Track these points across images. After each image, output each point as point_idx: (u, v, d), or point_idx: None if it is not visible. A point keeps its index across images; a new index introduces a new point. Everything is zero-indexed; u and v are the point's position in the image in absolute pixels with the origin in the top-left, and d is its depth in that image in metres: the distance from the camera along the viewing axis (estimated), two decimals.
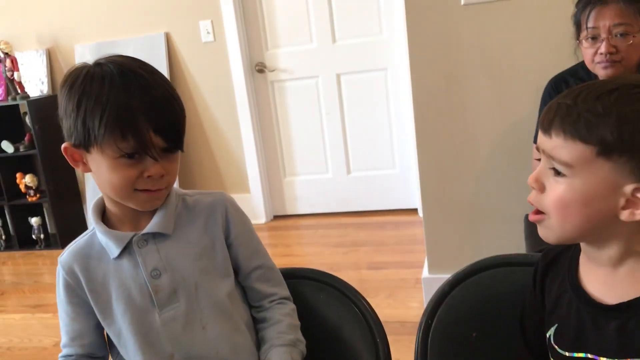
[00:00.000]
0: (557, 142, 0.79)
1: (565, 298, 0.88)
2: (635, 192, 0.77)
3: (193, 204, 1.07)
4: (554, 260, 0.93)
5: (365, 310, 1.05)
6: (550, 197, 0.81)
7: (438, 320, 1.08)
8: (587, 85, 0.80)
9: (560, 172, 0.79)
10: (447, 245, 2.41)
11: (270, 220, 3.83)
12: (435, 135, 2.31)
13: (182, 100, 1.00)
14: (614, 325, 0.81)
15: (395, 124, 3.57)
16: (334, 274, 3.14)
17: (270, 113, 3.73)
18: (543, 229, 0.84)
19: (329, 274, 1.10)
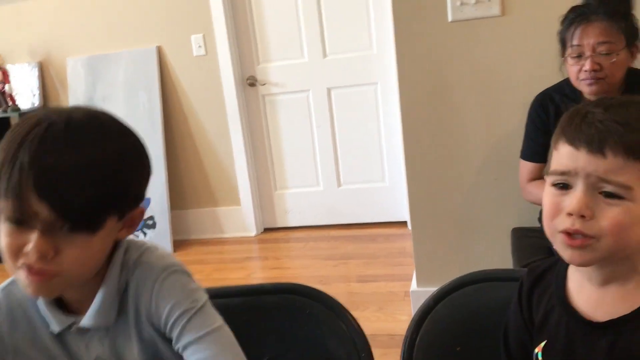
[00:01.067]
0: (615, 162, 0.74)
1: (555, 315, 0.87)
2: None
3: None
4: (540, 277, 0.92)
5: (349, 326, 1.06)
6: (607, 223, 0.75)
7: (423, 334, 1.09)
8: (619, 104, 0.77)
9: (616, 194, 0.75)
10: (436, 258, 2.42)
11: (261, 233, 3.83)
12: (423, 149, 2.32)
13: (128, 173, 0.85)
14: (605, 342, 0.81)
15: (385, 138, 3.59)
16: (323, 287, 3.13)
17: (261, 126, 3.74)
18: (584, 253, 0.78)
19: (314, 289, 1.10)
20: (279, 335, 1.11)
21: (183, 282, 0.93)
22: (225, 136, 3.71)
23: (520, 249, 2.03)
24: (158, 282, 0.90)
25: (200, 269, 3.34)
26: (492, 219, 2.32)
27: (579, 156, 0.76)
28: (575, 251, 0.78)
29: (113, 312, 0.90)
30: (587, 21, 1.72)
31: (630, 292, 0.82)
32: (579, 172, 0.76)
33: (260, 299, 1.13)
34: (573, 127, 0.78)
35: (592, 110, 0.78)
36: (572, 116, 0.81)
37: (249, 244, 3.70)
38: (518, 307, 0.95)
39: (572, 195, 0.78)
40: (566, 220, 0.78)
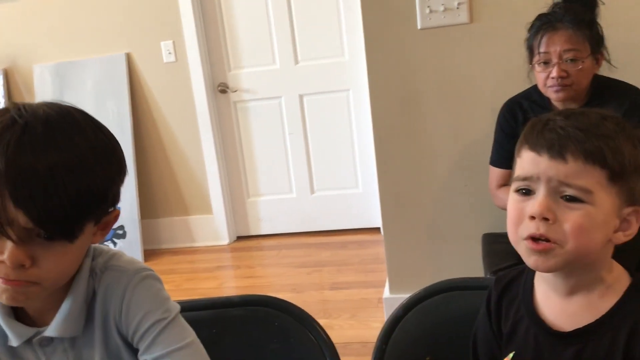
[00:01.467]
0: (575, 167, 0.76)
1: (523, 325, 0.88)
2: (628, 215, 0.80)
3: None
4: (507, 287, 0.93)
5: (319, 337, 1.05)
6: (569, 226, 0.77)
7: (392, 343, 1.09)
8: (580, 112, 0.80)
9: (576, 198, 0.77)
10: (408, 264, 2.42)
11: (233, 241, 3.80)
12: (395, 156, 2.33)
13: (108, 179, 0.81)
14: (572, 351, 0.81)
15: (358, 144, 3.59)
16: (296, 295, 3.12)
17: (232, 133, 3.72)
18: (547, 259, 0.79)
19: (283, 300, 1.09)
20: (248, 348, 1.09)
21: (156, 289, 0.89)
22: (197, 144, 3.68)
23: (490, 255, 2.04)
24: (130, 288, 0.87)
25: (171, 279, 3.29)
26: (463, 224, 2.33)
27: (540, 161, 0.78)
28: (540, 257, 0.79)
29: (81, 321, 0.86)
30: (554, 29, 1.74)
31: (595, 301, 0.83)
32: (541, 176, 0.78)
33: (229, 312, 1.11)
34: (535, 134, 0.80)
35: (553, 118, 0.80)
36: (534, 124, 0.82)
37: (221, 252, 3.66)
38: (487, 317, 0.95)
39: (534, 200, 0.79)
40: (530, 226, 0.79)
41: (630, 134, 0.79)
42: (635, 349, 0.79)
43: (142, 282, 0.88)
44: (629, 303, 0.81)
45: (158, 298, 0.89)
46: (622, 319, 0.81)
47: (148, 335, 0.86)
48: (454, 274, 1.15)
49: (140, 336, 0.86)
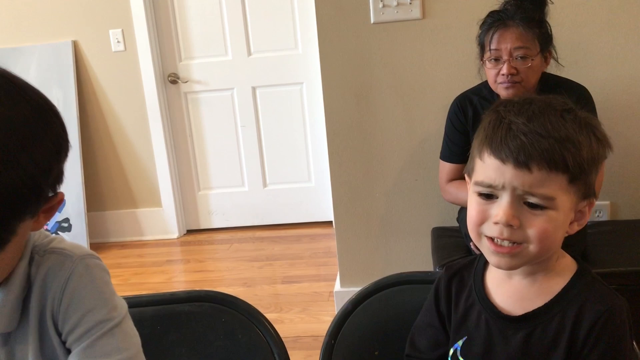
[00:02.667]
0: (540, 176, 0.77)
1: (474, 311, 0.89)
2: (584, 207, 0.83)
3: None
4: (458, 274, 0.94)
5: (267, 333, 1.03)
6: (534, 231, 0.79)
7: (341, 339, 1.08)
8: (539, 112, 0.79)
9: (539, 205, 0.79)
10: (359, 258, 2.43)
11: (183, 235, 3.74)
12: (347, 150, 2.33)
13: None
14: (521, 335, 0.84)
15: (311, 138, 3.58)
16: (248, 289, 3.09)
17: (183, 125, 3.65)
18: (516, 259, 0.82)
19: (230, 296, 1.06)
20: (193, 345, 1.06)
21: (103, 282, 0.79)
22: (146, 135, 3.59)
23: (439, 248, 2.06)
24: (75, 276, 0.77)
25: (119, 273, 3.22)
26: (413, 219, 2.35)
27: (505, 170, 0.79)
28: (504, 258, 0.82)
29: (16, 315, 0.76)
30: (505, 26, 1.76)
31: (544, 286, 0.86)
32: (506, 186, 0.79)
33: (173, 308, 1.08)
34: (499, 139, 0.80)
35: (515, 121, 0.80)
36: (495, 126, 0.82)
37: (170, 246, 3.60)
38: (434, 303, 0.95)
39: (498, 206, 0.81)
40: (494, 229, 0.81)
41: (586, 126, 0.81)
42: (579, 332, 0.82)
43: (88, 271, 0.78)
44: (575, 288, 0.84)
45: (105, 293, 0.79)
46: (569, 303, 0.84)
47: (86, 337, 0.76)
48: (404, 268, 1.16)
49: (78, 337, 0.76)
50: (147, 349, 1.05)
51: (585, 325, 0.82)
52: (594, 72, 2.11)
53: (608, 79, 2.11)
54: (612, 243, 1.94)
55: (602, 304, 0.82)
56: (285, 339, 1.06)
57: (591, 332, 0.81)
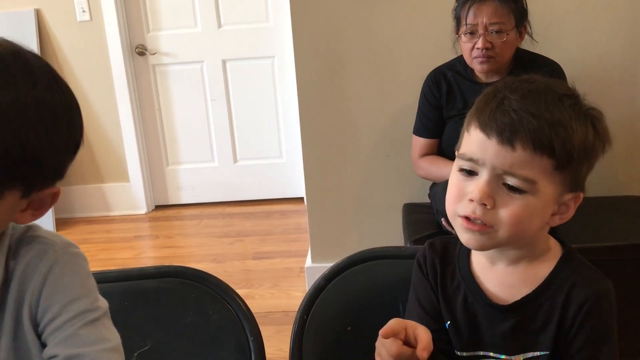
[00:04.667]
0: (523, 156, 0.74)
1: (460, 293, 0.87)
2: (569, 200, 0.79)
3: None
4: (442, 252, 0.91)
5: (238, 309, 1.01)
6: (506, 214, 0.76)
7: (314, 314, 1.06)
8: (532, 89, 0.76)
9: (518, 188, 0.75)
10: (331, 234, 2.42)
11: (152, 211, 3.68)
12: (319, 125, 2.30)
13: None
14: (509, 324, 0.83)
15: (283, 113, 3.54)
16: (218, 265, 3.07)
17: (151, 98, 3.57)
18: (483, 239, 0.79)
19: (199, 271, 1.04)
20: (162, 322, 1.04)
21: (86, 273, 0.77)
22: (112, 108, 3.50)
23: (410, 224, 2.07)
24: (59, 265, 0.74)
25: (86, 249, 3.08)
26: (385, 195, 2.34)
27: (489, 146, 0.76)
28: (473, 235, 0.79)
29: None
30: (481, 1, 1.75)
31: (531, 273, 0.84)
32: (487, 162, 0.76)
33: (142, 284, 1.05)
34: (488, 112, 0.77)
35: (508, 96, 0.77)
36: (488, 99, 0.79)
37: (138, 222, 3.54)
38: (423, 276, 0.92)
39: (476, 183, 0.78)
40: (467, 207, 0.78)
41: (586, 115, 0.77)
42: (567, 316, 0.82)
43: (71, 260, 0.75)
44: (561, 273, 0.83)
45: (88, 284, 0.76)
46: (557, 289, 0.83)
47: (68, 326, 0.72)
48: (375, 244, 1.15)
49: (59, 325, 0.72)
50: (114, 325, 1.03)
51: (572, 309, 0.81)
52: (566, 48, 2.11)
53: (579, 55, 2.11)
54: (580, 219, 1.95)
55: (588, 288, 0.81)
56: (256, 315, 1.04)
57: (578, 316, 0.81)
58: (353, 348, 1.07)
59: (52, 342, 0.72)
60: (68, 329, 0.72)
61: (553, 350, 0.83)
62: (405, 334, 0.77)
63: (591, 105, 0.79)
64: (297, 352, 1.03)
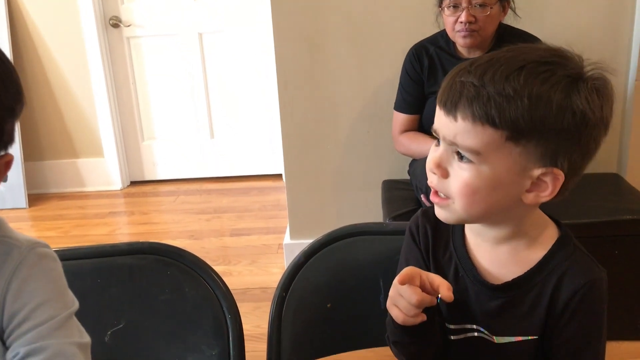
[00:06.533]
0: (464, 126, 0.72)
1: (451, 268, 0.86)
2: (542, 176, 0.75)
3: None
4: (435, 223, 0.88)
5: (215, 286, 0.98)
6: (456, 184, 0.75)
7: (293, 291, 1.04)
8: (490, 62, 0.73)
9: (466, 157, 0.74)
10: (309, 211, 2.40)
11: (127, 187, 3.61)
12: (298, 101, 2.27)
13: None
14: (496, 303, 0.82)
15: (260, 87, 3.48)
16: (195, 242, 3.04)
17: (126, 71, 3.48)
18: (444, 212, 0.79)
19: (175, 247, 1.00)
20: (137, 300, 1.01)
21: (57, 274, 0.73)
22: (86, 81, 3.41)
23: (390, 201, 2.05)
24: (25, 267, 0.70)
25: (59, 225, 3.10)
26: (364, 171, 2.33)
27: (440, 117, 0.76)
28: (436, 207, 0.80)
29: None
30: None
31: (523, 253, 0.82)
32: (439, 132, 0.76)
33: (115, 261, 1.01)
34: (444, 85, 0.76)
35: (465, 68, 0.75)
36: (450, 73, 0.77)
37: (113, 198, 3.48)
38: (415, 245, 0.90)
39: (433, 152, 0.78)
40: (430, 177, 0.78)
41: (554, 85, 0.71)
42: (557, 303, 0.80)
43: (40, 262, 0.72)
44: (555, 258, 0.81)
45: (57, 286, 0.73)
46: (549, 274, 0.81)
47: (37, 332, 0.68)
48: (353, 221, 1.12)
49: (26, 331, 0.69)
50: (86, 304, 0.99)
51: (563, 297, 0.79)
52: (549, 24, 2.09)
53: (562, 31, 2.10)
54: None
55: (582, 276, 0.79)
56: (233, 291, 1.02)
57: (569, 304, 0.79)
58: (333, 325, 1.05)
59: (21, 341, 0.69)
60: (42, 332, 0.69)
61: (542, 336, 0.82)
62: (421, 281, 0.76)
63: (586, 75, 0.74)
64: (276, 329, 1.01)
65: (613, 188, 2.10)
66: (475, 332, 0.85)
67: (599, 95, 0.73)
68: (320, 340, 1.05)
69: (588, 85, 0.73)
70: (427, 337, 0.83)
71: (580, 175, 0.78)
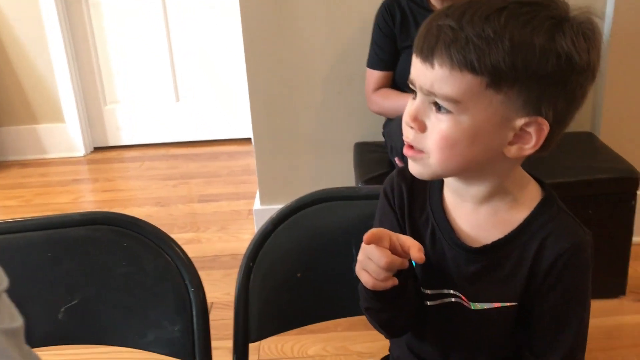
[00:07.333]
0: (441, 73, 0.67)
1: (429, 229, 0.81)
2: (525, 127, 0.70)
3: None
4: (412, 182, 0.84)
5: (176, 257, 0.92)
6: (434, 137, 0.70)
7: (260, 261, 0.98)
8: (470, 3, 0.68)
9: (444, 107, 0.69)
10: (279, 175, 2.34)
11: (90, 153, 3.49)
12: (265, 61, 2.18)
13: None
14: (474, 267, 0.78)
15: (227, 47, 3.36)
16: (161, 209, 2.95)
17: (85, 32, 3.31)
18: (419, 166, 0.74)
19: (132, 217, 0.93)
20: (92, 273, 0.94)
21: None
22: (43, 44, 3.24)
23: (362, 164, 2.01)
24: None
25: (20, 194, 2.98)
26: (336, 134, 2.26)
27: (416, 65, 0.71)
28: (410, 162, 0.75)
29: None
30: None
31: (504, 215, 0.78)
32: (415, 82, 0.71)
33: (67, 233, 0.94)
34: (420, 31, 0.71)
35: (442, 13, 0.69)
36: (429, 17, 0.72)
37: (76, 164, 3.35)
38: (389, 207, 0.85)
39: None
40: (406, 131, 0.73)
41: (541, 27, 0.66)
42: (540, 267, 0.76)
43: None
44: (538, 219, 0.77)
45: None
46: (531, 236, 0.76)
47: None
48: (325, 185, 1.06)
49: None
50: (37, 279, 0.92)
51: (546, 261, 0.75)
52: None
53: None
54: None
55: (566, 239, 0.75)
56: (202, 259, 0.96)
57: (552, 269, 0.75)
58: (303, 295, 1.00)
59: None
60: None
61: (522, 302, 0.78)
62: (390, 243, 0.72)
63: (572, 17, 0.68)
64: (243, 301, 0.95)
65: (587, 147, 2.08)
66: (452, 297, 0.81)
67: (585, 38, 0.68)
68: (290, 311, 1.00)
69: (574, 27, 0.67)
70: (400, 303, 0.79)
71: (567, 126, 0.73)
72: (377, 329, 0.86)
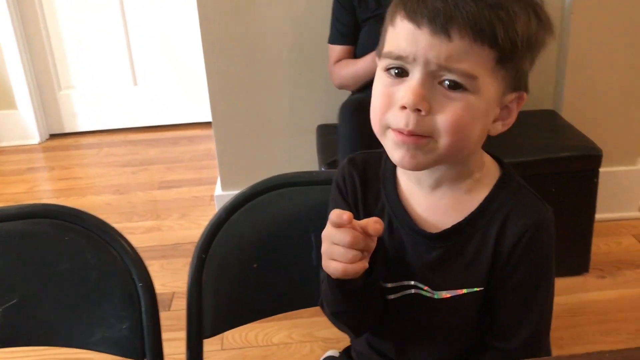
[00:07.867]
0: (461, 46, 0.61)
1: (385, 219, 0.76)
2: (511, 102, 0.68)
3: None
4: (363, 169, 0.80)
5: (123, 252, 0.86)
6: (446, 119, 0.63)
7: (213, 252, 0.94)
8: None
9: (459, 85, 0.63)
10: (241, 159, 2.29)
11: (46, 140, 3.36)
12: (223, 40, 2.11)
13: None
14: (435, 254, 0.74)
15: (184, 28, 3.25)
16: (121, 196, 2.87)
17: (35, 15, 3.17)
18: (421, 155, 0.66)
19: (74, 209, 0.87)
20: (31, 270, 0.88)
21: None
22: None
23: (325, 147, 1.97)
24: None
25: None
26: (298, 116, 2.22)
27: (420, 37, 0.63)
28: (408, 152, 0.66)
29: None
30: None
31: (463, 197, 0.74)
32: (419, 57, 0.63)
33: (2, 227, 0.87)
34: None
35: None
36: None
37: (31, 153, 3.23)
38: (338, 195, 0.81)
39: (407, 85, 0.64)
40: (400, 116, 0.65)
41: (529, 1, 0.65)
42: (502, 247, 0.72)
43: None
44: (498, 198, 0.73)
45: None
46: (492, 216, 0.73)
47: None
48: (288, 169, 1.02)
49: None
50: None
51: (509, 241, 0.72)
52: None
53: None
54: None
55: (527, 216, 0.72)
56: (163, 247, 0.91)
57: (516, 248, 0.72)
58: (260, 287, 0.95)
59: None
60: None
61: (487, 287, 0.74)
62: (352, 227, 0.66)
63: None
64: (195, 296, 0.90)
65: (549, 125, 2.07)
66: (413, 289, 0.77)
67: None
68: (247, 303, 0.95)
69: (538, 1, 0.67)
70: (368, 300, 0.75)
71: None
72: (343, 330, 0.82)
